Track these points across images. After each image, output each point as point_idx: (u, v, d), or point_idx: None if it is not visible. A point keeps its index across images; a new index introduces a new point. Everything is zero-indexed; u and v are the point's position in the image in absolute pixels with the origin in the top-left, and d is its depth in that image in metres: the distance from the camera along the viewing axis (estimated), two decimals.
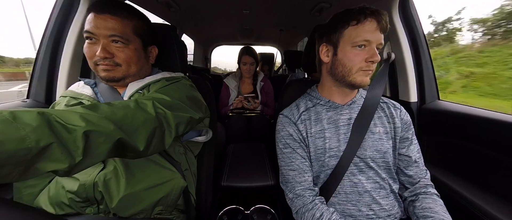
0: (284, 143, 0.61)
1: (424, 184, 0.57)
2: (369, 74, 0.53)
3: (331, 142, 0.57)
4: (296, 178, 0.57)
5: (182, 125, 0.49)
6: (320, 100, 0.62)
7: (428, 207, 0.52)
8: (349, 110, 0.60)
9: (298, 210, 0.55)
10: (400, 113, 0.60)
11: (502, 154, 0.58)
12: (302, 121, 0.60)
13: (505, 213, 0.53)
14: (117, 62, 0.53)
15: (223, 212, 0.79)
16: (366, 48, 0.52)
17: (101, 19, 0.50)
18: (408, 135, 0.59)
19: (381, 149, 0.56)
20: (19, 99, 0.76)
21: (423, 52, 0.86)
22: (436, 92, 0.87)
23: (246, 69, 1.57)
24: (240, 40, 2.65)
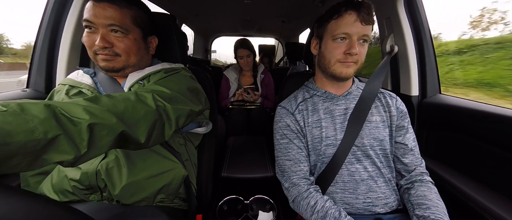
0: (281, 134, 0.62)
1: (419, 172, 0.59)
2: (349, 66, 0.55)
3: (328, 131, 0.58)
4: (292, 168, 0.58)
5: (182, 118, 0.49)
6: (317, 91, 0.64)
7: (422, 194, 0.54)
8: (345, 100, 0.61)
9: (294, 198, 0.56)
10: (396, 102, 0.62)
11: (502, 148, 0.58)
12: (300, 111, 0.62)
13: (504, 208, 0.53)
14: (116, 52, 0.53)
15: (223, 201, 0.81)
16: (346, 41, 0.54)
17: (100, 8, 0.49)
18: (404, 124, 0.60)
19: (378, 137, 0.57)
20: (19, 88, 0.76)
21: (427, 45, 0.85)
22: (438, 86, 0.87)
23: (244, 62, 1.55)
24: (241, 32, 2.60)
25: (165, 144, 0.57)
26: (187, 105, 0.51)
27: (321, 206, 0.51)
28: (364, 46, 0.55)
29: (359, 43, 0.54)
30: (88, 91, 0.55)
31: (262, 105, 1.54)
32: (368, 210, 0.56)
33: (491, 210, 0.54)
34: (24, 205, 0.23)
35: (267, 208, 0.80)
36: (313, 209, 0.52)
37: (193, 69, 0.78)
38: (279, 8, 1.65)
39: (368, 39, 0.54)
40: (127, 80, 0.57)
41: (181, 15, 1.84)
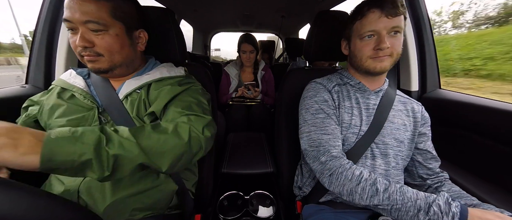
0: (316, 108, 0.59)
1: (444, 178, 0.60)
2: (382, 60, 0.55)
3: (356, 120, 0.59)
4: (331, 142, 0.55)
5: (211, 142, 0.52)
6: (351, 80, 0.64)
7: (457, 189, 0.56)
8: (375, 96, 0.62)
9: (334, 171, 0.52)
10: (421, 110, 0.63)
11: (502, 143, 0.59)
12: (336, 92, 0.63)
13: (503, 202, 0.54)
14: (98, 52, 0.49)
15: (224, 197, 0.82)
16: (374, 38, 0.54)
17: (74, 2, 0.46)
18: (425, 131, 0.62)
19: (398, 138, 0.58)
20: (18, 84, 0.76)
21: (428, 39, 0.84)
22: (438, 81, 0.87)
23: (246, 57, 1.54)
24: (240, 27, 2.58)
25: None
26: (212, 126, 0.53)
27: (368, 175, 0.49)
28: (397, 37, 0.54)
29: (391, 36, 0.53)
30: (81, 96, 0.53)
31: (262, 101, 1.54)
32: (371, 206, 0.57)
33: (489, 203, 0.54)
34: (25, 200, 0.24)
35: (267, 203, 0.81)
36: (360, 178, 0.48)
37: (192, 66, 0.78)
38: (278, 3, 1.63)
39: (400, 29, 0.53)
40: (124, 87, 0.55)
41: (180, 10, 1.82)
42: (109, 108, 0.53)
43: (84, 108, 0.53)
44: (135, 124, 0.52)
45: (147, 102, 0.55)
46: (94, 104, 0.53)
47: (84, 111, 0.53)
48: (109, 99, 0.54)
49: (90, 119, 0.52)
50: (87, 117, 0.52)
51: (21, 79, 0.80)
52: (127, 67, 0.56)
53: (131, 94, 0.54)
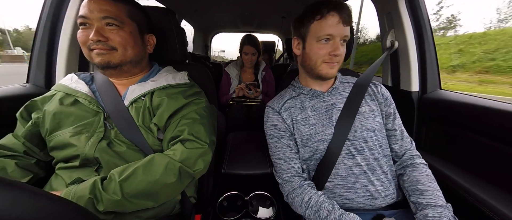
0: (269, 134, 0.64)
1: (409, 156, 0.60)
2: (334, 67, 0.57)
3: (317, 127, 0.59)
4: (282, 166, 0.60)
5: (204, 170, 0.55)
6: (303, 89, 0.64)
7: (415, 179, 0.55)
8: (331, 96, 0.62)
9: (288, 194, 0.58)
10: (380, 89, 0.63)
11: (502, 143, 0.58)
12: (286, 109, 0.63)
13: (504, 203, 0.53)
14: (112, 46, 0.51)
15: (224, 197, 0.82)
16: (330, 42, 0.55)
17: (94, 3, 0.49)
18: (390, 110, 0.62)
19: (370, 127, 0.58)
20: (19, 83, 0.76)
21: (428, 40, 0.84)
22: (438, 82, 0.86)
23: (248, 59, 1.54)
24: (241, 28, 2.58)
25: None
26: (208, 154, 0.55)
27: (315, 200, 0.52)
28: (344, 46, 0.57)
29: (341, 44, 0.56)
30: (86, 101, 0.53)
31: (263, 102, 1.54)
32: (368, 204, 0.57)
33: (491, 205, 0.54)
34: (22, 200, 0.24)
35: (267, 204, 0.81)
36: (307, 204, 0.53)
37: (192, 66, 0.78)
38: (279, 4, 1.64)
39: (347, 39, 0.56)
40: (129, 93, 0.55)
41: (181, 11, 1.82)
42: (114, 115, 0.53)
43: (90, 114, 0.53)
44: (141, 131, 0.53)
45: (151, 110, 0.55)
46: (100, 110, 0.53)
47: (89, 116, 0.52)
48: (114, 105, 0.54)
49: (96, 125, 0.52)
50: (92, 122, 0.52)
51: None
52: (135, 65, 0.57)
53: (136, 101, 0.55)
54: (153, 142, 0.53)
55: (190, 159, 0.51)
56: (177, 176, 0.48)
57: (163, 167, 0.47)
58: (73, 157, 0.50)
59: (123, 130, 0.52)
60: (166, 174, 0.47)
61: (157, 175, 0.46)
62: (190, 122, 0.54)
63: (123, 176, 0.44)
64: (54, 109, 0.52)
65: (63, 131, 0.50)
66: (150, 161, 0.48)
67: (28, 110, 0.55)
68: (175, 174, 0.48)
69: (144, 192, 0.45)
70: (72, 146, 0.49)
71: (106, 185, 0.44)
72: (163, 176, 0.47)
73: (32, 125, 0.53)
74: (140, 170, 0.46)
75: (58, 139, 0.50)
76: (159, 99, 0.55)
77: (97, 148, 0.49)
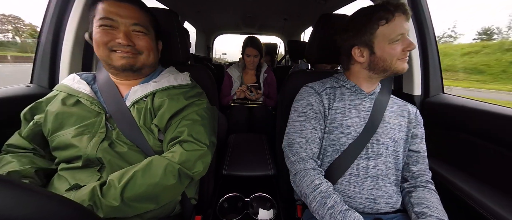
0: (300, 111, 0.62)
1: (425, 180, 0.60)
2: (405, 61, 0.58)
3: (350, 120, 0.60)
4: (302, 144, 0.58)
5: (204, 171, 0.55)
6: (347, 83, 0.65)
7: (424, 197, 0.55)
8: (370, 99, 0.63)
9: (298, 172, 0.55)
10: (416, 112, 0.64)
11: (506, 148, 0.58)
12: (327, 94, 0.64)
13: (506, 208, 0.53)
14: (138, 50, 0.54)
15: (224, 199, 0.81)
16: (401, 40, 0.56)
17: (123, 8, 0.52)
18: (417, 132, 0.62)
19: (393, 138, 0.59)
20: (23, 84, 0.77)
21: (431, 44, 0.84)
22: (441, 86, 0.86)
23: (250, 61, 1.54)
24: (243, 29, 2.60)
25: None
26: (207, 156, 0.55)
27: (325, 188, 0.51)
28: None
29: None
30: (87, 102, 0.53)
31: (264, 104, 1.54)
32: (369, 207, 0.56)
33: (493, 210, 0.54)
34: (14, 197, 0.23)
35: (268, 206, 0.81)
36: (317, 187, 0.51)
37: (195, 67, 0.78)
38: (281, 6, 1.65)
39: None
40: (131, 94, 0.56)
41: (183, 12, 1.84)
42: (116, 115, 0.53)
43: (91, 114, 0.53)
44: (142, 132, 0.53)
45: (152, 111, 0.55)
46: (101, 111, 0.53)
47: (91, 117, 0.53)
48: (116, 106, 0.54)
49: (97, 125, 0.52)
50: (94, 123, 0.52)
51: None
52: (150, 68, 0.61)
53: (138, 102, 0.55)
54: (154, 143, 0.54)
55: (189, 161, 0.51)
56: (176, 178, 0.48)
57: (162, 169, 0.47)
58: (76, 158, 0.50)
59: (125, 131, 0.52)
60: (166, 176, 0.47)
61: (157, 177, 0.46)
62: (190, 123, 0.54)
63: (123, 181, 0.44)
64: (57, 109, 0.52)
65: (65, 132, 0.51)
66: (149, 164, 0.47)
67: (32, 111, 0.55)
68: (175, 175, 0.48)
69: (145, 195, 0.45)
70: (74, 147, 0.49)
71: (106, 191, 0.43)
72: (162, 178, 0.47)
73: (33, 125, 0.53)
74: (140, 173, 0.46)
75: (60, 139, 0.50)
76: (160, 100, 0.55)
77: (99, 149, 0.49)
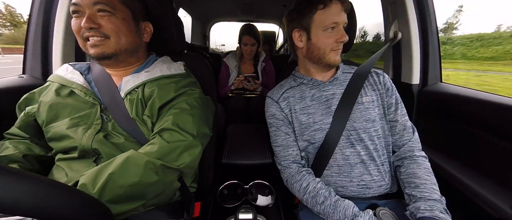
0: (269, 123, 0.67)
1: (409, 147, 0.59)
2: (339, 53, 0.58)
3: (315, 116, 0.60)
4: (281, 153, 0.62)
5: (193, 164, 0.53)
6: (303, 79, 0.65)
7: (412, 172, 0.55)
8: (332, 86, 0.62)
9: (287, 179, 0.61)
10: (382, 79, 0.63)
11: (501, 138, 0.58)
12: (285, 99, 0.64)
13: (501, 198, 0.53)
14: (105, 34, 0.49)
15: (224, 186, 0.84)
16: (335, 30, 0.56)
17: None
18: (391, 101, 0.61)
19: (369, 118, 0.58)
20: (16, 75, 0.75)
21: (432, 31, 0.82)
22: (440, 75, 0.86)
23: (247, 50, 1.50)
24: (240, 17, 2.51)
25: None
26: (196, 147, 0.52)
27: (313, 187, 0.54)
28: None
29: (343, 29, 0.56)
30: (81, 92, 0.52)
31: (262, 94, 1.53)
32: (362, 193, 0.58)
33: (485, 198, 0.55)
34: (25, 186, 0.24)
35: (266, 192, 0.83)
36: (305, 190, 0.55)
37: (191, 56, 0.77)
38: None
39: (346, 25, 0.57)
40: (123, 85, 0.54)
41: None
42: (111, 106, 0.52)
43: (86, 106, 0.52)
44: (136, 124, 0.52)
45: (143, 101, 0.54)
46: (96, 102, 0.53)
47: (86, 108, 0.52)
48: (111, 97, 0.53)
49: (93, 117, 0.51)
50: (89, 114, 0.51)
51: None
52: (131, 55, 0.56)
53: (130, 93, 0.54)
54: (148, 134, 0.53)
55: (172, 153, 0.47)
56: (159, 174, 0.45)
57: (141, 167, 0.43)
58: (71, 149, 0.50)
59: (121, 122, 0.52)
60: (146, 173, 0.43)
61: (137, 177, 0.42)
62: (177, 112, 0.52)
63: (98, 186, 0.39)
64: (50, 100, 0.52)
65: (60, 123, 0.50)
66: (125, 163, 0.43)
67: (26, 102, 0.55)
68: (157, 172, 0.45)
69: (126, 195, 0.42)
70: (69, 138, 0.50)
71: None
72: (143, 176, 0.43)
73: (25, 116, 0.53)
74: (116, 175, 0.41)
75: (55, 130, 0.50)
76: (150, 90, 0.54)
77: (94, 140, 0.49)
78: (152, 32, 0.60)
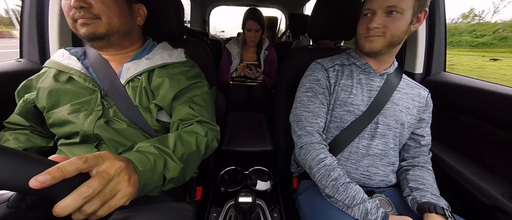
0: (307, 87, 0.63)
1: (423, 161, 0.62)
2: (372, 41, 0.55)
3: (355, 99, 0.60)
4: (309, 119, 0.59)
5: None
6: (357, 60, 0.63)
7: (420, 175, 0.58)
8: (380, 79, 0.61)
9: (304, 145, 0.58)
10: (427, 96, 0.63)
11: (504, 129, 0.58)
12: (335, 70, 0.63)
13: (501, 191, 0.54)
14: (95, 14, 0.47)
15: (224, 172, 0.86)
16: (369, 17, 0.54)
17: None
18: (425, 116, 0.62)
19: (399, 120, 0.59)
20: (14, 59, 0.74)
21: (439, 19, 0.80)
22: (444, 64, 0.84)
23: (251, 36, 1.45)
24: (241, 1, 2.41)
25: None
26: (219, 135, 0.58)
27: (330, 162, 0.54)
28: (392, 18, 0.52)
29: (386, 16, 0.52)
30: (80, 78, 0.52)
31: (264, 82, 1.51)
32: (363, 182, 0.60)
33: (488, 193, 0.55)
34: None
35: (265, 178, 0.86)
36: (322, 161, 0.54)
37: (190, 42, 0.75)
38: None
39: (396, 9, 0.51)
40: (124, 71, 0.53)
41: None
42: (112, 93, 0.52)
43: (86, 92, 0.52)
44: (139, 111, 0.52)
45: (149, 90, 0.54)
46: (96, 88, 0.52)
47: (86, 94, 0.52)
48: (111, 83, 0.52)
49: (93, 103, 0.51)
50: (90, 101, 0.51)
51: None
52: (124, 37, 0.54)
53: (132, 80, 0.53)
54: (152, 122, 0.54)
55: (211, 137, 0.54)
56: (204, 149, 0.51)
57: (194, 141, 0.49)
58: (73, 134, 0.51)
59: (123, 109, 0.52)
60: (198, 148, 0.49)
61: (193, 148, 0.48)
62: (199, 108, 0.56)
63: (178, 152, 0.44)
64: (49, 86, 0.51)
65: (61, 109, 0.51)
66: (178, 136, 0.47)
67: (25, 89, 0.55)
68: (203, 147, 0.51)
69: (186, 165, 0.46)
70: (70, 123, 0.50)
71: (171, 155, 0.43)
72: (196, 150, 0.49)
73: (24, 102, 0.53)
74: (179, 143, 0.46)
75: (56, 116, 0.51)
76: (159, 79, 0.54)
77: (95, 125, 0.49)
78: (145, 15, 0.58)
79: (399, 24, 0.52)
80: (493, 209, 0.53)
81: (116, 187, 0.29)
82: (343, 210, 0.50)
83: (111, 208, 0.29)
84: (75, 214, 0.26)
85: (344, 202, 0.49)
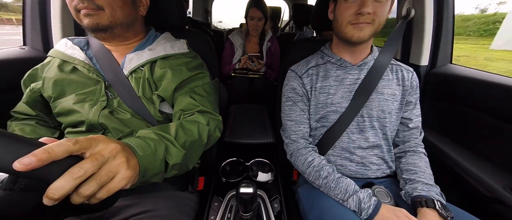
0: (287, 97, 0.65)
1: (414, 144, 0.61)
2: (362, 28, 0.51)
3: (334, 98, 0.59)
4: (292, 127, 0.63)
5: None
6: (332, 58, 0.62)
7: (412, 162, 0.57)
8: (358, 70, 0.60)
9: (292, 153, 0.62)
10: (411, 77, 0.61)
11: (505, 121, 0.57)
12: (309, 75, 0.63)
13: (502, 183, 0.54)
14: (98, 5, 0.47)
15: (226, 163, 0.87)
16: (358, 1, 0.49)
17: None
18: (411, 99, 0.61)
19: (385, 110, 0.58)
20: (17, 46, 0.74)
21: (448, 10, 0.77)
22: (450, 56, 0.82)
23: (253, 25, 1.43)
24: None
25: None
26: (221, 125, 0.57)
27: (318, 162, 0.56)
28: (382, 4, 0.49)
29: (375, 1, 0.49)
30: (84, 69, 0.52)
31: (266, 75, 1.50)
32: (360, 173, 0.61)
33: (488, 185, 0.55)
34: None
35: (266, 169, 0.87)
36: (310, 164, 0.56)
37: (192, 33, 0.74)
38: None
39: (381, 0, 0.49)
40: (127, 62, 0.54)
41: None
42: (116, 84, 0.52)
43: (91, 82, 0.52)
44: (142, 102, 0.53)
45: (151, 81, 0.54)
46: (100, 78, 0.52)
47: (91, 84, 0.52)
48: (114, 74, 0.53)
49: (98, 94, 0.52)
50: (94, 91, 0.52)
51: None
52: (127, 29, 0.54)
53: (135, 71, 0.54)
54: (155, 113, 0.54)
55: (213, 127, 0.54)
56: (206, 138, 0.50)
57: (196, 130, 0.48)
58: (79, 123, 0.52)
59: (126, 100, 0.52)
60: (200, 136, 0.49)
61: (195, 136, 0.47)
62: (200, 98, 0.56)
63: (180, 140, 0.44)
64: (54, 76, 0.52)
65: (67, 98, 0.51)
66: (180, 125, 0.46)
67: (31, 78, 0.55)
68: (205, 135, 0.50)
69: (189, 152, 0.45)
70: (76, 112, 0.51)
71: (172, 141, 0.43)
72: (199, 138, 0.48)
73: (30, 92, 0.54)
74: (180, 131, 0.45)
75: (62, 105, 0.51)
76: (162, 71, 0.54)
77: (100, 115, 0.50)
78: (148, 5, 0.58)
79: (385, 10, 0.50)
80: (494, 201, 0.54)
81: (113, 169, 0.28)
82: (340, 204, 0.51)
83: (110, 190, 0.28)
84: (73, 196, 0.26)
85: (339, 197, 0.51)
